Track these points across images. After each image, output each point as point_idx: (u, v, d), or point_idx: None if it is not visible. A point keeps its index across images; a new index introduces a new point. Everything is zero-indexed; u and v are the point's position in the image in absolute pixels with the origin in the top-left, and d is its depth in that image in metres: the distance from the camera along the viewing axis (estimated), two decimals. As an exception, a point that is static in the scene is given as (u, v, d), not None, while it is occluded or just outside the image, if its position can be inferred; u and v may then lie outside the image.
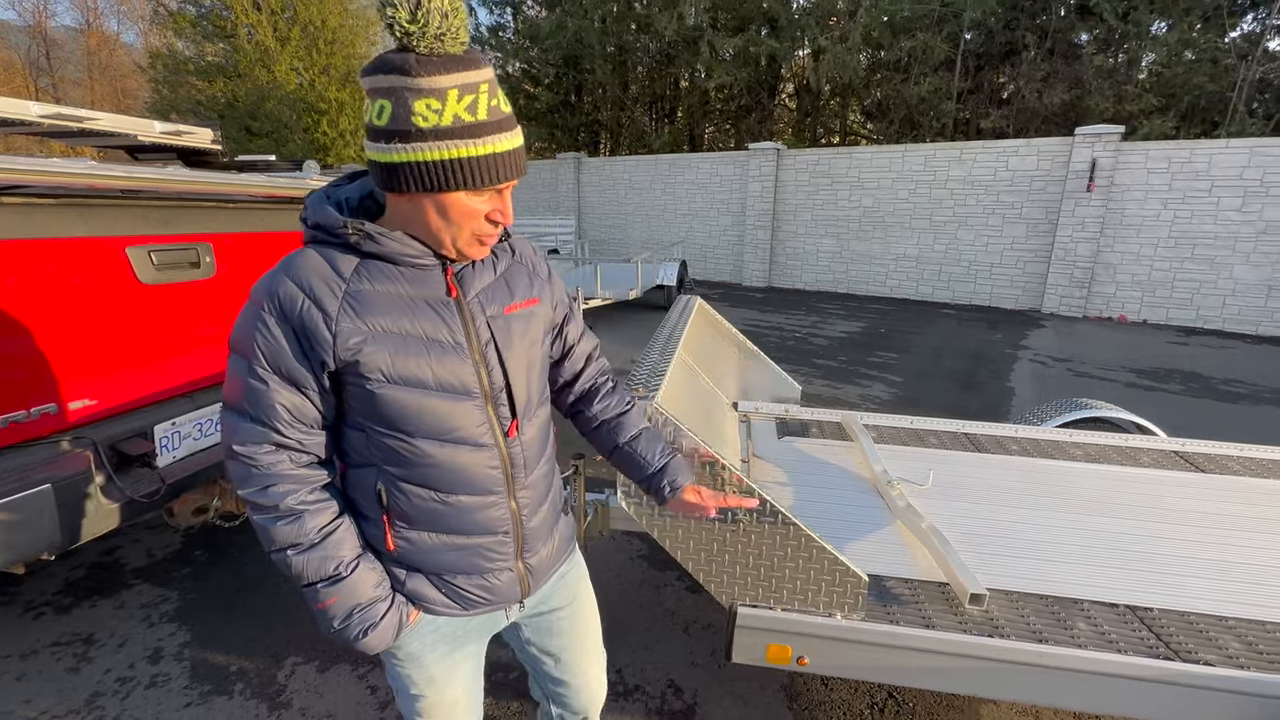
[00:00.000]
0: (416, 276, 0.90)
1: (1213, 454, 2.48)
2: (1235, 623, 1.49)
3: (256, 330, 0.86)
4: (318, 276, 0.86)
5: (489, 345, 0.95)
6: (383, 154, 0.81)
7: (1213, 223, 8.18)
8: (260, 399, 0.87)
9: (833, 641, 1.43)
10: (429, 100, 0.78)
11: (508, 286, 0.99)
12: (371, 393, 0.88)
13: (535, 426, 1.04)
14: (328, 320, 0.85)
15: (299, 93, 21.21)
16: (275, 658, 2.17)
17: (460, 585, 1.01)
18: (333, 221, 0.87)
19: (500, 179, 0.84)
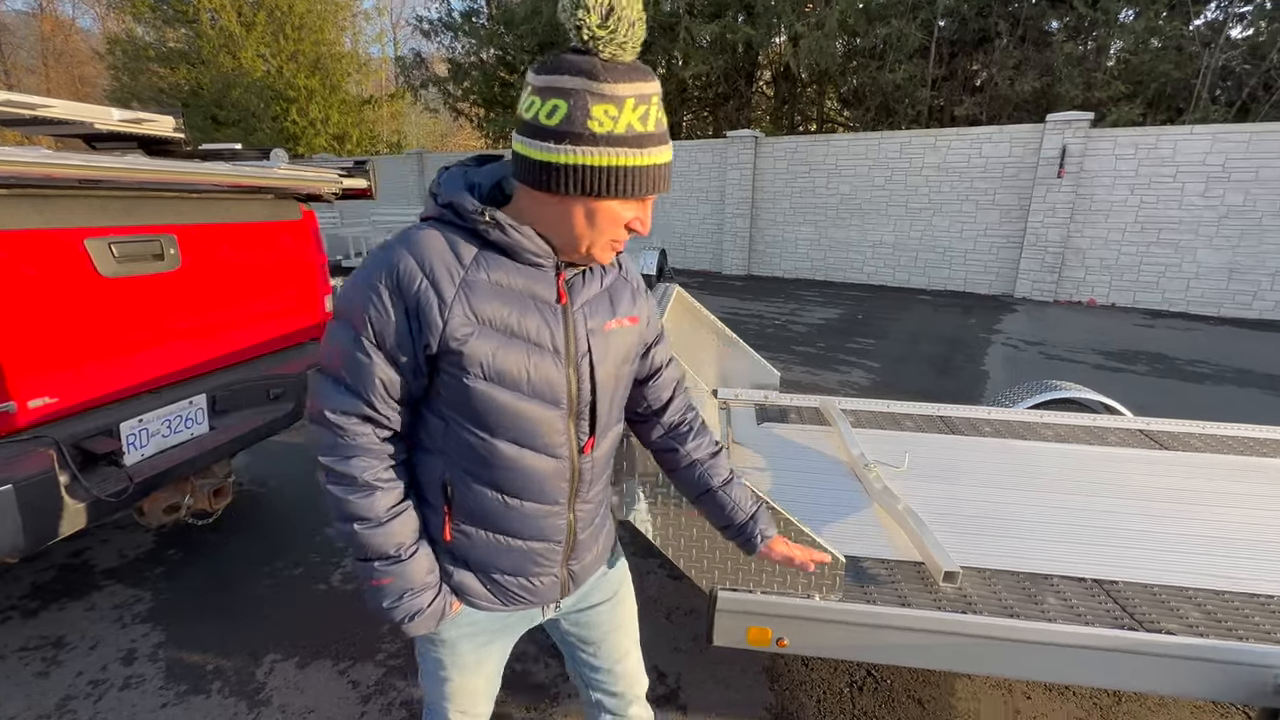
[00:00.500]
0: (531, 274, 0.90)
1: (1176, 432, 2.56)
2: (1195, 593, 1.55)
3: (370, 301, 0.85)
4: (439, 259, 0.85)
5: (584, 358, 0.94)
6: (546, 153, 0.80)
7: (1177, 208, 8.39)
8: (361, 371, 0.87)
9: (811, 622, 1.45)
10: (608, 106, 0.78)
11: (611, 301, 0.98)
12: (466, 386, 0.87)
13: (608, 444, 1.04)
14: (442, 306, 0.84)
15: (266, 80, 20.63)
16: (253, 655, 2.15)
17: (505, 583, 1.02)
18: (468, 207, 0.87)
19: (654, 190, 0.84)
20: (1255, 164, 7.87)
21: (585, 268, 0.96)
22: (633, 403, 1.14)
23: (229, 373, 2.45)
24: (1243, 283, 8.18)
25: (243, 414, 2.46)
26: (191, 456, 2.22)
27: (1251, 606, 1.51)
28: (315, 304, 2.92)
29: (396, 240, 0.88)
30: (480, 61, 16.84)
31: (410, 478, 0.98)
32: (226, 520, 2.99)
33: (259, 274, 2.57)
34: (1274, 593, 1.56)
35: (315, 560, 2.71)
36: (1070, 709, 1.95)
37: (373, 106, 24.08)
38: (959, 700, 1.98)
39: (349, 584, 2.55)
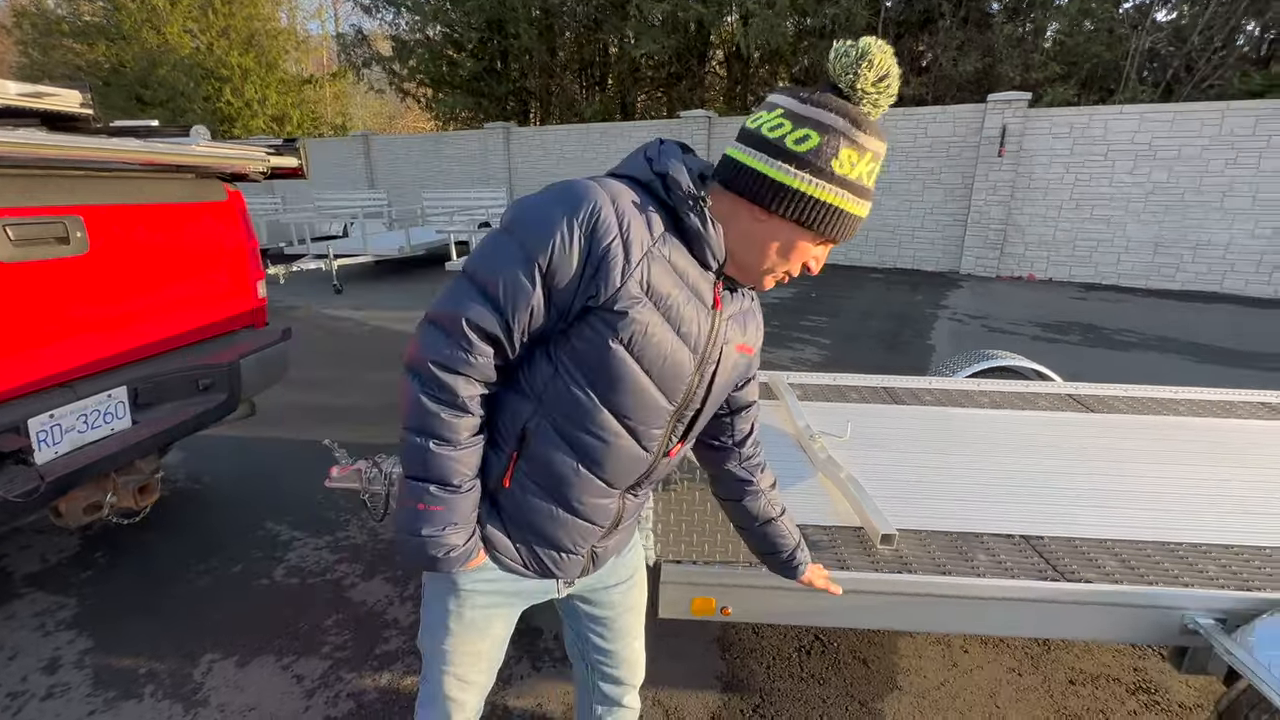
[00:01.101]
0: (700, 272, 0.90)
1: (1101, 395, 2.69)
2: (1114, 543, 1.64)
3: (560, 232, 0.82)
4: (638, 221, 0.85)
5: (711, 366, 0.95)
6: (782, 174, 0.82)
7: (1109, 185, 8.78)
8: (518, 292, 0.84)
9: (754, 590, 1.47)
10: (853, 153, 0.82)
11: (742, 325, 1.00)
12: (608, 347, 0.86)
13: (682, 454, 1.06)
14: (626, 266, 0.83)
15: (195, 58, 19.43)
16: (190, 656, 2.06)
17: (537, 550, 1.02)
18: (685, 184, 0.86)
19: (848, 237, 0.88)
20: (1178, 143, 8.28)
21: (735, 288, 0.97)
22: (717, 430, 1.16)
23: (152, 364, 2.31)
24: (1167, 256, 8.65)
25: (168, 407, 2.33)
26: (112, 452, 2.09)
27: (1163, 554, 1.60)
28: (247, 290, 2.78)
29: (593, 182, 0.85)
30: (426, 39, 16.25)
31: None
32: (159, 519, 2.85)
33: (181, 258, 2.42)
34: (1183, 540, 1.66)
35: (256, 556, 2.61)
36: (1005, 660, 2.05)
37: (314, 86, 23.03)
38: (901, 658, 2.05)
39: (293, 578, 2.47)
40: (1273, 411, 2.56)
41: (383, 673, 1.98)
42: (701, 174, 0.92)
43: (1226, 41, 9.80)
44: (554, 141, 13.12)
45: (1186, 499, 1.87)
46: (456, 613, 1.04)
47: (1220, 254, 8.36)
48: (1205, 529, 1.71)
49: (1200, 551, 1.61)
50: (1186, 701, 1.90)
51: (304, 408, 4.24)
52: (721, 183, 0.88)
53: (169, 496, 3.10)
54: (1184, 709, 1.88)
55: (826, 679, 1.97)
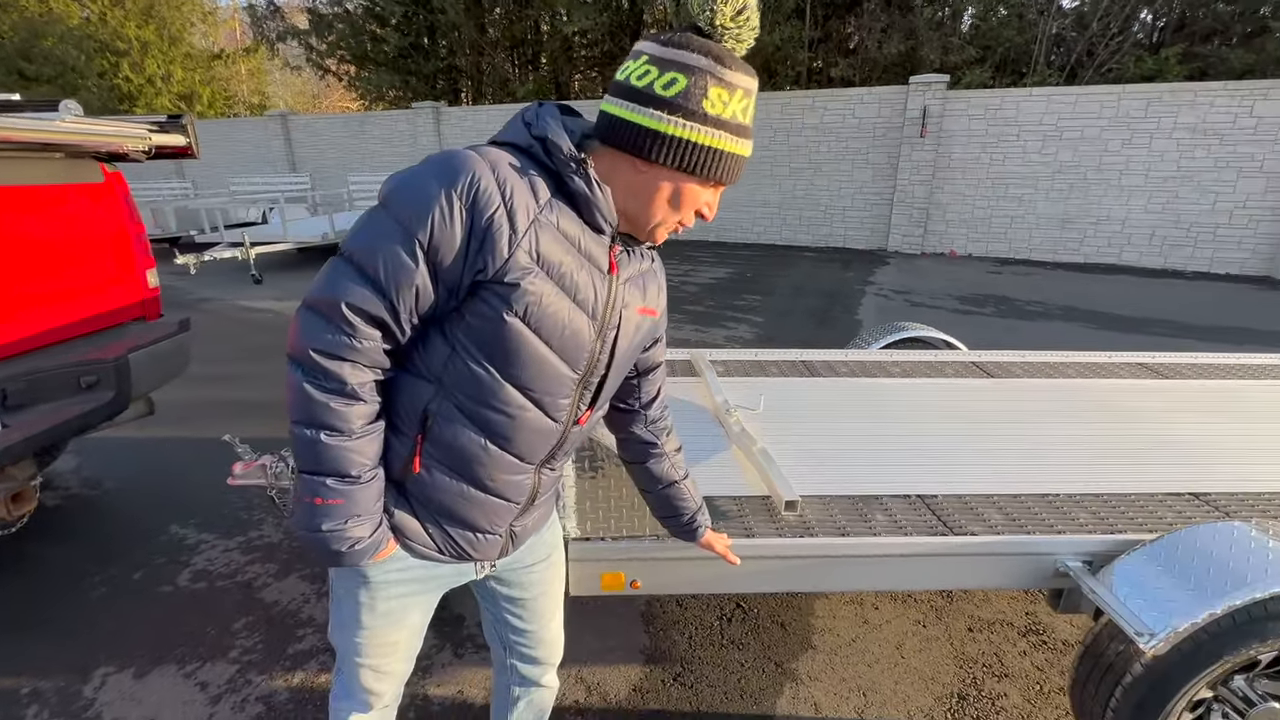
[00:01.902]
0: (591, 237, 0.88)
1: (1001, 361, 2.86)
2: (998, 498, 1.75)
3: (439, 206, 0.79)
4: (521, 189, 0.82)
5: (613, 331, 0.94)
6: (655, 121, 0.81)
7: (1020, 164, 9.27)
8: (399, 272, 0.80)
9: (661, 562, 1.49)
10: (723, 91, 0.81)
11: (642, 288, 0.99)
12: (504, 321, 0.83)
13: (596, 421, 1.06)
14: (513, 237, 0.81)
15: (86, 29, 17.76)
16: (81, 671, 1.93)
17: (451, 533, 0.98)
18: (565, 147, 0.84)
19: (733, 179, 0.87)
20: (1081, 124, 8.82)
21: (631, 248, 0.96)
22: (624, 393, 1.15)
23: (22, 361, 2.13)
24: (1072, 231, 9.24)
25: (44, 408, 2.15)
26: (-23, 461, 1.92)
27: (1042, 505, 1.72)
28: (134, 280, 2.58)
29: (472, 151, 0.82)
30: (346, 12, 15.40)
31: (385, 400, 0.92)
32: (50, 528, 2.64)
33: (52, 246, 2.23)
34: (1059, 491, 1.78)
35: (159, 562, 2.46)
36: (912, 614, 2.17)
37: (225, 62, 21.49)
38: (817, 619, 2.14)
39: (199, 582, 2.35)
40: (1149, 371, 2.78)
41: (295, 672, 1.92)
42: (585, 135, 0.89)
43: (1123, 28, 10.45)
44: (486, 122, 12.74)
45: (1068, 454, 2.02)
46: (369, 605, 1.01)
47: (1118, 228, 8.99)
48: (1081, 480, 1.85)
49: (1074, 501, 1.74)
50: (1070, 639, 2.07)
51: (213, 404, 4.00)
52: (601, 140, 0.86)
53: (63, 504, 2.88)
54: (1067, 645, 2.04)
55: (746, 644, 2.04)
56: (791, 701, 1.82)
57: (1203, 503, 1.75)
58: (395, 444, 0.93)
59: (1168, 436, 2.14)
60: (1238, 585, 1.28)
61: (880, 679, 1.90)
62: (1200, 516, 1.68)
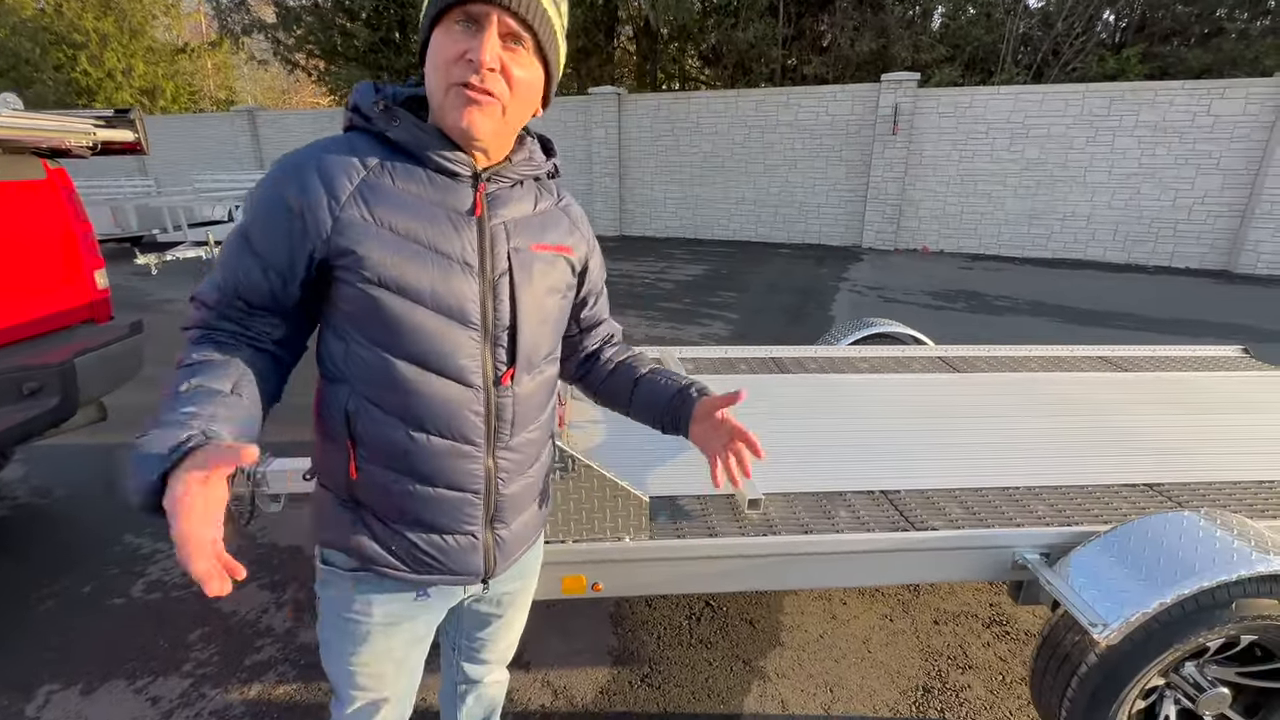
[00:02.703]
0: (444, 184, 0.84)
1: (967, 356, 2.89)
2: (960, 492, 1.76)
3: (260, 198, 0.81)
4: (337, 158, 0.81)
5: (504, 277, 0.87)
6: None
7: (989, 161, 9.43)
8: (231, 258, 0.83)
9: (623, 564, 1.47)
10: None
11: (540, 226, 0.92)
12: (362, 292, 0.80)
13: (535, 384, 0.94)
14: (332, 204, 0.79)
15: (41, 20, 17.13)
16: (23, 689, 1.85)
17: (413, 540, 0.90)
18: (367, 100, 0.84)
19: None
20: (1047, 122, 8.99)
21: (511, 183, 0.89)
22: (569, 349, 1.09)
23: (-42, 367, 2.03)
24: (1039, 226, 9.43)
25: (-18, 415, 2.05)
26: (-93, 471, 1.83)
27: (1002, 499, 1.74)
28: (80, 281, 2.48)
29: (305, 147, 0.84)
30: (314, 5, 15.06)
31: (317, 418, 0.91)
32: (-7, 542, 2.54)
33: (-11, 246, 2.13)
34: (1019, 484, 1.80)
35: (111, 573, 2.38)
36: (879, 608, 2.18)
37: (190, 56, 20.90)
38: (786, 615, 2.14)
39: (154, 593, 2.27)
40: (1109, 364, 2.84)
41: (252, 684, 1.86)
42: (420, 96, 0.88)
43: (1087, 28, 10.68)
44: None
45: (1029, 447, 2.04)
46: (348, 632, 0.96)
47: (1084, 224, 9.20)
48: (1040, 473, 1.87)
49: (1034, 494, 1.77)
50: (1031, 630, 2.10)
51: (175, 408, 3.88)
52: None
53: (11, 514, 2.77)
54: (1029, 636, 2.07)
55: (714, 643, 2.03)
56: (759, 699, 1.82)
57: (1156, 493, 1.78)
58: (334, 455, 0.89)
59: (1125, 428, 2.18)
60: (1187, 574, 1.31)
61: (847, 674, 1.91)
62: (1154, 507, 1.71)
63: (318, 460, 0.94)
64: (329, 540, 0.94)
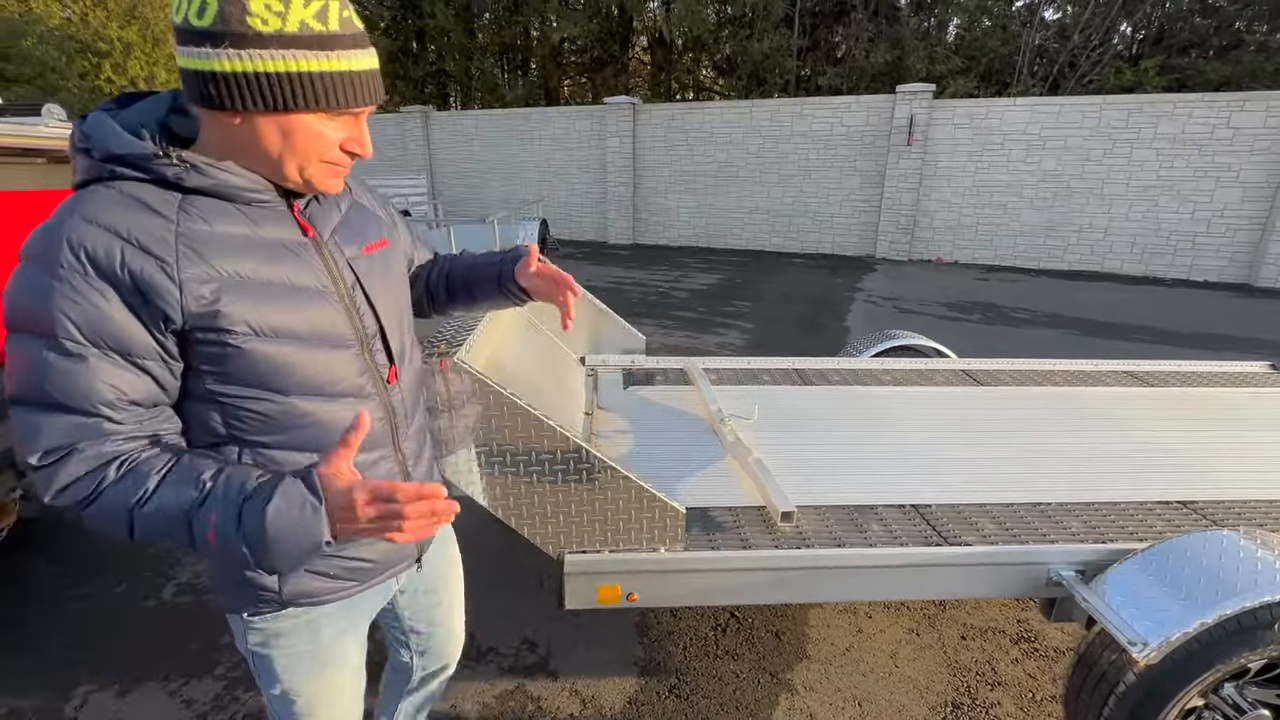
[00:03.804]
0: (259, 215, 0.78)
1: (990, 369, 2.89)
2: (991, 507, 1.76)
3: (56, 295, 0.66)
4: (133, 217, 0.69)
5: (355, 288, 0.87)
6: (205, 61, 0.67)
7: (1005, 172, 9.40)
8: (74, 381, 0.68)
9: (658, 574, 1.48)
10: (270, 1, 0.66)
11: (359, 227, 0.92)
12: (237, 349, 0.74)
13: (412, 372, 1.00)
14: (165, 267, 0.69)
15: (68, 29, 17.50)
16: (61, 690, 1.88)
17: (352, 555, 0.92)
18: (140, 150, 0.71)
19: (357, 100, 0.74)
20: (1064, 133, 8.96)
21: (319, 199, 0.87)
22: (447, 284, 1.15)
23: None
24: (1056, 238, 9.38)
25: (25, 418, 2.10)
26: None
27: (1034, 514, 1.73)
28: (118, 286, 2.53)
29: (59, 218, 0.68)
30: (333, 16, 15.30)
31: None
32: (28, 541, 2.58)
33: (33, 253, 2.18)
34: (1052, 500, 1.80)
35: (144, 575, 2.41)
36: (905, 622, 2.17)
37: (209, 64, 21.26)
38: (811, 628, 2.14)
39: (184, 596, 2.30)
40: (1134, 379, 2.82)
41: (284, 688, 1.88)
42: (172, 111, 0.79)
43: (1103, 40, 10.66)
44: (475, 127, 12.71)
45: (1058, 462, 2.04)
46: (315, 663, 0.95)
47: (1101, 236, 9.14)
48: (1071, 489, 1.87)
49: (1066, 510, 1.76)
50: (1060, 646, 2.08)
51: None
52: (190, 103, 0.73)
53: (40, 517, 2.81)
54: (1058, 653, 2.06)
55: (741, 654, 2.03)
56: (788, 713, 1.82)
57: (1191, 511, 1.77)
58: None
59: (1155, 444, 2.17)
60: (1229, 594, 1.30)
61: (875, 688, 1.90)
62: (1189, 525, 1.70)
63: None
64: (254, 601, 0.89)
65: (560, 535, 1.46)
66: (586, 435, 2.12)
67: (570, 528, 1.46)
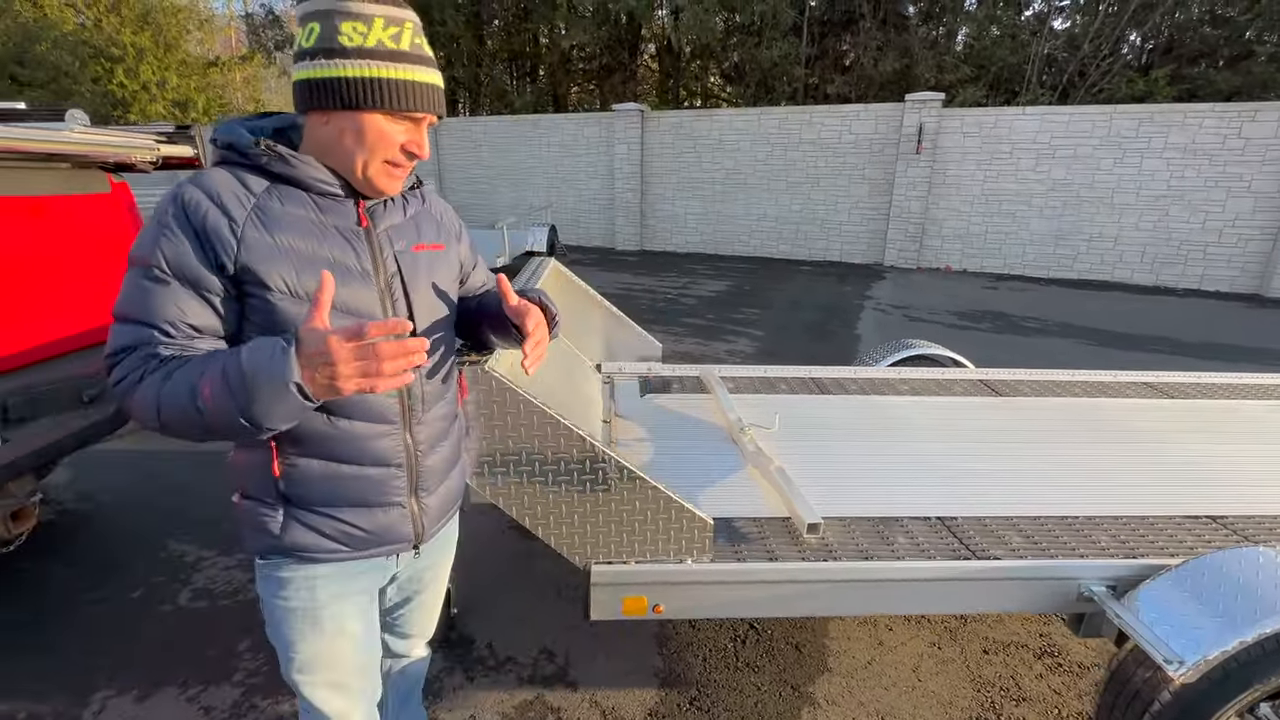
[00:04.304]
0: (328, 205, 0.92)
1: (1008, 380, 2.87)
2: (1017, 520, 1.74)
3: (159, 235, 0.85)
4: (226, 188, 0.88)
5: (395, 278, 0.98)
6: (305, 71, 0.86)
7: (1014, 181, 9.39)
8: (152, 298, 0.84)
9: (685, 586, 1.47)
10: (356, 23, 0.84)
11: (416, 228, 1.03)
12: (273, 305, 0.87)
13: (438, 372, 1.07)
14: (233, 226, 0.86)
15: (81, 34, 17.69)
16: (79, 694, 1.87)
17: (348, 520, 0.99)
18: (244, 141, 0.90)
19: (418, 105, 0.88)
20: (1074, 142, 8.95)
21: (385, 199, 0.98)
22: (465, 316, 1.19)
23: (24, 375, 2.08)
24: (1066, 247, 9.35)
25: (45, 422, 2.10)
26: (-26, 478, 1.87)
27: (1061, 528, 1.72)
28: (138, 291, 2.54)
29: (181, 182, 0.89)
30: (344, 23, 15.42)
31: None
32: (43, 545, 2.58)
33: (57, 257, 2.19)
34: (1079, 514, 1.78)
35: (158, 579, 2.41)
36: (926, 635, 2.15)
37: (221, 69, 21.43)
38: (831, 640, 2.12)
39: (200, 601, 2.29)
40: (1153, 390, 2.80)
41: (302, 696, 1.87)
42: (287, 129, 0.97)
43: (1113, 50, 10.65)
44: (484, 133, 12.78)
45: (1081, 475, 2.02)
46: (300, 624, 1.03)
47: (1111, 245, 9.11)
48: (1096, 502, 1.85)
49: (1094, 524, 1.74)
50: (1085, 661, 2.06)
51: (213, 416, 3.94)
52: (297, 111, 0.93)
53: (56, 519, 2.82)
54: (1082, 668, 2.03)
55: (761, 666, 2.01)
56: (809, 726, 1.80)
57: (1220, 526, 1.75)
58: (255, 462, 0.96)
59: (1179, 457, 2.15)
60: (1268, 613, 1.28)
61: (898, 703, 1.88)
62: (1219, 540, 1.68)
63: (238, 476, 1.00)
64: (263, 545, 0.99)
65: (587, 545, 1.45)
66: (606, 443, 2.11)
67: (597, 538, 1.45)
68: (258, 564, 1.03)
